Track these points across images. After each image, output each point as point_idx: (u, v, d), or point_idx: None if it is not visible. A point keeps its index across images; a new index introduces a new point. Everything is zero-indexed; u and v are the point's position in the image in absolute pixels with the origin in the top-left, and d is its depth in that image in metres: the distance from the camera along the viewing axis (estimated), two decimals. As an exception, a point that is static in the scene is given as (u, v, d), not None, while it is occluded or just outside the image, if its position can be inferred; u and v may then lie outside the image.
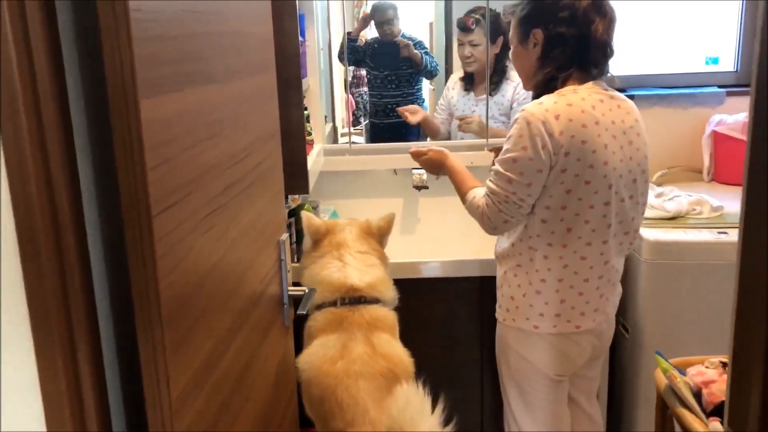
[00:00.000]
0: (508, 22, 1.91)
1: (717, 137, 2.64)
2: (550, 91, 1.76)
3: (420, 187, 2.59)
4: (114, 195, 0.86)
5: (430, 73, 2.91)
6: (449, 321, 2.30)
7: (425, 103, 3.04)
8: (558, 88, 1.76)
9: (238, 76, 1.22)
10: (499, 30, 2.63)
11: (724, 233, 2.15)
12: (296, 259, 2.18)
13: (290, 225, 2.18)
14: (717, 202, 2.32)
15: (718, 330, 1.48)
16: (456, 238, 2.64)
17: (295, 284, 1.93)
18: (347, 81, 2.89)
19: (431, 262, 2.27)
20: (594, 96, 1.73)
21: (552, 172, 1.69)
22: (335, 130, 2.94)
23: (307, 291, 1.60)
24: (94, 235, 0.88)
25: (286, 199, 2.04)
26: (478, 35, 2.65)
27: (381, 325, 1.88)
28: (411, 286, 2.15)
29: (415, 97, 2.94)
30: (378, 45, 2.86)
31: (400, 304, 2.00)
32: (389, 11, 2.83)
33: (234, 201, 1.19)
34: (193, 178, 0.99)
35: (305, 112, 2.02)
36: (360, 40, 2.84)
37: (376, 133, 2.95)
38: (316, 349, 1.83)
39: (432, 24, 2.96)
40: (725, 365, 1.63)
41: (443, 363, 2.31)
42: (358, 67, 2.93)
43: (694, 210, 2.32)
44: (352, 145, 2.73)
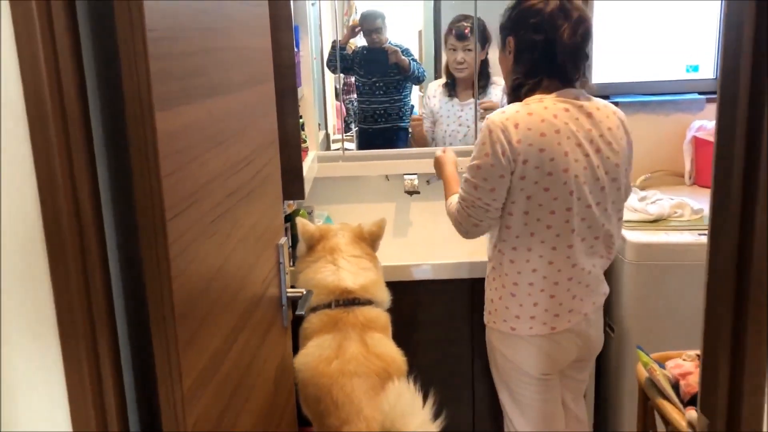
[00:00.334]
0: None
1: (698, 142, 2.72)
2: (519, 97, 1.81)
3: (412, 192, 2.66)
4: (126, 202, 0.93)
5: (418, 79, 2.97)
6: (441, 322, 2.36)
7: (414, 109, 3.11)
8: (527, 94, 1.80)
9: (241, 88, 1.28)
10: (488, 37, 2.71)
11: (704, 235, 2.22)
12: (292, 263, 2.24)
13: (286, 230, 2.24)
14: (698, 205, 2.40)
15: (698, 326, 1.55)
16: (447, 242, 2.70)
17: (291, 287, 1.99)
18: (338, 89, 2.96)
19: (423, 264, 2.34)
20: (559, 105, 1.76)
21: (513, 179, 1.76)
22: (328, 137, 3.01)
23: (304, 293, 1.66)
24: (110, 238, 0.94)
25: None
26: (473, 42, 2.73)
27: (374, 325, 1.93)
28: (404, 288, 2.21)
29: (402, 103, 3.00)
30: (367, 52, 2.92)
31: (393, 305, 2.05)
32: (378, 20, 2.90)
33: (237, 206, 1.25)
34: (202, 184, 1.05)
35: (300, 120, 2.08)
36: (348, 49, 2.91)
37: (365, 138, 3.00)
38: (311, 350, 1.87)
39: (421, 32, 3.01)
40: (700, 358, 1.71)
41: (436, 362, 2.36)
42: (346, 75, 3.00)
43: (675, 213, 2.39)
44: (345, 152, 2.79)
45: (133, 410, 1.00)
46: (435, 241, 2.72)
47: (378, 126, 2.97)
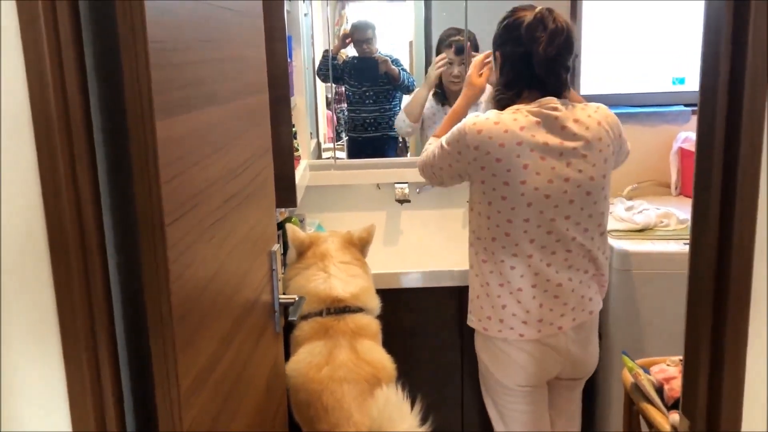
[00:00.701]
0: None
1: (683, 153, 2.77)
2: (500, 106, 1.84)
3: (402, 201, 2.69)
4: (126, 206, 0.95)
5: (407, 88, 3.01)
6: (431, 329, 2.38)
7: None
8: (507, 105, 1.83)
9: (237, 97, 1.31)
10: (477, 50, 2.75)
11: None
12: (284, 270, 2.26)
13: (279, 237, 2.26)
14: (683, 215, 2.44)
15: (682, 333, 1.59)
16: (437, 250, 2.73)
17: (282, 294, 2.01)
18: (329, 98, 2.99)
19: (412, 272, 2.36)
20: (531, 117, 1.76)
21: (474, 182, 1.84)
22: (319, 145, 3.03)
23: (297, 299, 1.69)
24: (110, 242, 0.96)
25: (274, 211, 2.12)
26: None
27: (365, 332, 1.96)
28: (394, 295, 2.23)
29: (392, 113, 3.03)
30: (357, 61, 2.95)
31: (383, 312, 2.07)
32: (368, 30, 2.93)
33: (232, 213, 1.27)
34: (200, 190, 1.08)
35: (293, 129, 2.11)
36: (339, 58, 2.94)
37: (355, 147, 3.03)
38: (302, 357, 1.89)
39: (411, 42, 3.05)
40: (684, 363, 1.75)
41: (425, 369, 2.38)
42: (337, 84, 3.03)
43: (661, 222, 2.44)
44: (336, 161, 2.82)
45: (130, 411, 1.02)
46: (425, 249, 2.75)
47: (368, 135, 3.00)
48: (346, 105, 3.06)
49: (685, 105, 2.88)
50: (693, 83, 2.91)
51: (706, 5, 0.89)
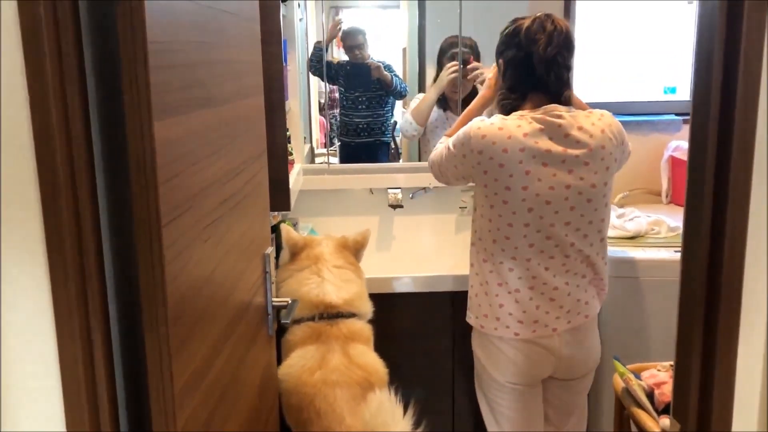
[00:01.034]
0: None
1: (674, 162, 2.79)
2: (505, 111, 1.88)
3: (395, 206, 2.70)
4: (122, 206, 0.95)
5: (400, 94, 3.02)
6: (423, 334, 2.39)
7: (397, 125, 3.15)
8: (512, 110, 1.86)
9: (234, 100, 1.32)
10: (478, 59, 2.77)
11: (680, 252, 2.29)
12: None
13: (272, 240, 2.26)
14: (674, 223, 2.46)
15: (672, 339, 1.61)
16: (429, 255, 2.74)
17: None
18: (321, 103, 3.00)
19: (404, 277, 2.37)
20: (535, 124, 1.79)
21: (477, 185, 1.87)
22: (312, 150, 3.04)
23: (290, 302, 1.69)
24: (105, 242, 0.96)
25: (268, 215, 2.12)
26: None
27: (357, 337, 1.96)
28: (386, 300, 2.23)
29: (384, 118, 3.04)
30: (350, 67, 2.96)
31: (375, 317, 2.07)
32: (359, 36, 2.95)
33: (228, 214, 1.28)
34: (196, 192, 1.08)
35: (287, 133, 2.12)
36: (333, 61, 2.95)
37: (347, 152, 3.04)
38: (295, 361, 1.89)
39: (405, 49, 3.06)
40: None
41: (417, 374, 2.38)
42: (331, 85, 3.03)
43: (652, 230, 2.45)
44: (329, 165, 2.83)
45: (124, 412, 1.02)
46: (417, 254, 2.75)
47: (360, 140, 3.01)
48: (338, 110, 3.07)
49: (677, 114, 2.91)
50: (684, 92, 2.94)
51: (698, 14, 0.90)
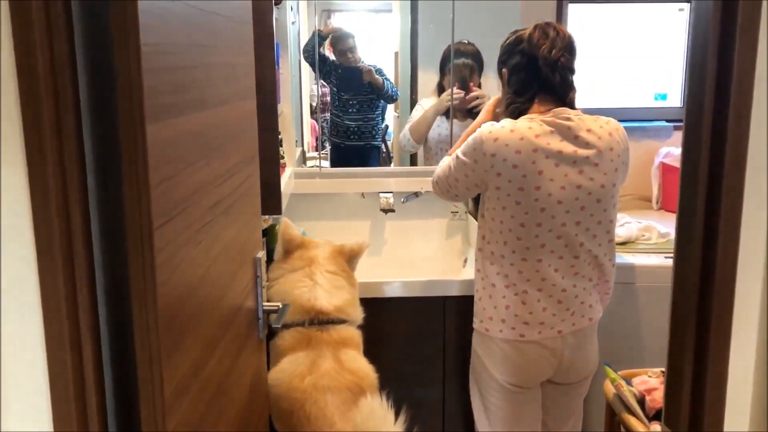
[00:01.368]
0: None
1: (665, 168, 2.81)
2: (514, 116, 1.91)
3: (387, 210, 2.69)
4: (112, 210, 0.95)
5: (391, 98, 3.03)
6: (414, 338, 2.38)
7: (389, 129, 3.16)
8: (520, 113, 1.90)
9: (226, 103, 1.31)
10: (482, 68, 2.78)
11: (670, 258, 2.29)
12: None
13: (263, 244, 2.24)
14: (664, 229, 2.48)
15: (664, 345, 1.62)
16: (421, 260, 2.74)
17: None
18: (313, 106, 3.00)
19: (395, 282, 2.37)
20: (545, 126, 1.84)
21: (489, 188, 1.87)
22: (303, 153, 3.03)
23: (281, 306, 1.68)
24: (96, 245, 0.96)
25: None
26: (476, 82, 2.79)
27: (348, 343, 1.95)
28: (377, 304, 2.22)
29: (375, 122, 3.04)
30: (341, 70, 2.97)
31: (367, 321, 2.06)
32: (349, 40, 2.96)
33: (219, 218, 1.27)
34: (188, 195, 1.07)
35: (279, 136, 2.11)
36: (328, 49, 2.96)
37: (337, 154, 3.04)
38: (285, 366, 1.87)
39: (397, 53, 3.07)
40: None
41: (408, 379, 2.38)
42: (323, 89, 3.03)
43: (643, 236, 2.47)
44: (321, 169, 2.82)
45: (113, 417, 1.01)
46: (409, 259, 2.75)
47: (350, 143, 3.02)
48: (329, 111, 3.07)
49: (667, 120, 2.92)
50: (675, 99, 2.96)
51: (693, 18, 0.90)
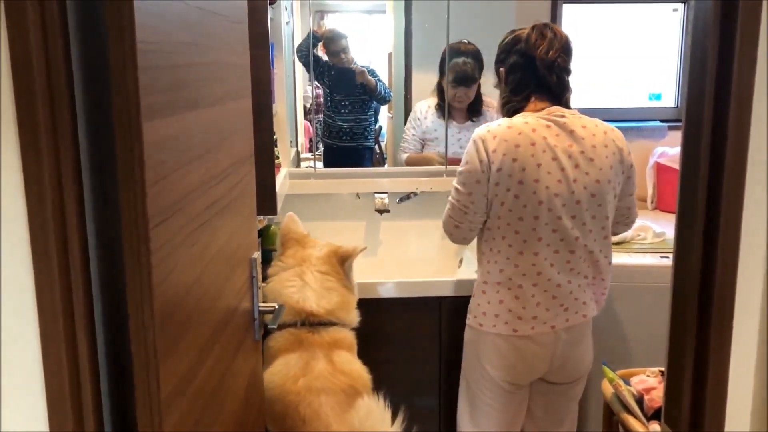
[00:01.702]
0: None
1: (659, 168, 2.81)
2: (510, 114, 1.95)
3: (382, 211, 2.69)
4: (108, 210, 0.94)
5: (384, 99, 3.02)
6: (409, 339, 2.38)
7: (383, 130, 3.15)
8: (516, 111, 1.93)
9: (221, 102, 1.30)
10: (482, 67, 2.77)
11: (666, 257, 2.31)
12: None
13: (258, 245, 2.24)
14: (660, 229, 2.48)
15: (659, 345, 1.61)
16: (416, 260, 2.74)
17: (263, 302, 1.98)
18: (306, 107, 3.00)
19: (390, 282, 2.36)
20: (541, 121, 1.88)
21: (489, 185, 1.88)
22: (298, 154, 3.03)
23: (276, 307, 1.67)
24: (91, 245, 0.94)
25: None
26: (476, 79, 2.78)
27: (340, 344, 1.94)
28: (372, 305, 2.22)
29: (367, 123, 3.04)
30: (334, 71, 2.96)
31: (362, 322, 2.05)
32: (342, 40, 2.95)
33: (214, 218, 1.26)
34: (184, 195, 1.06)
35: (273, 136, 2.10)
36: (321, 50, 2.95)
37: (330, 155, 3.04)
38: (278, 368, 1.87)
39: (391, 54, 3.06)
40: (664, 374, 1.77)
41: (404, 380, 2.37)
42: (317, 89, 3.02)
43: (638, 236, 2.47)
44: (316, 170, 2.82)
45: (109, 419, 1.00)
46: (404, 259, 2.74)
47: (343, 144, 3.01)
48: (322, 112, 3.06)
49: (662, 120, 2.93)
50: (669, 99, 2.97)
51: (693, 17, 0.90)
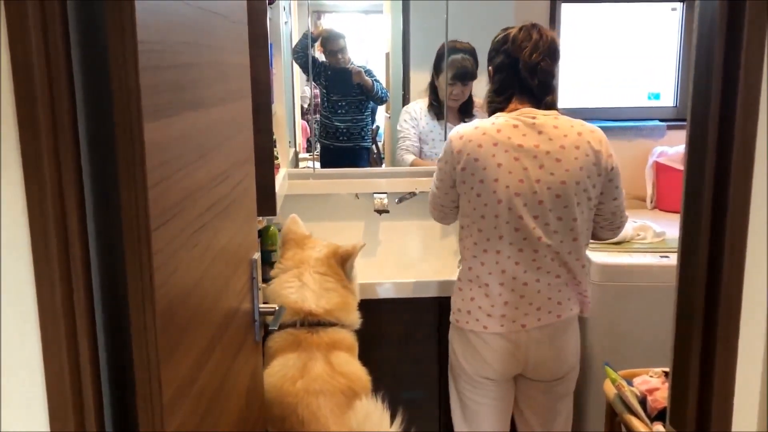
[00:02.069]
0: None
1: (659, 167, 2.81)
2: (491, 114, 1.99)
3: (381, 211, 2.68)
4: (109, 211, 0.93)
5: (381, 100, 3.02)
6: (409, 339, 2.37)
7: (380, 130, 3.15)
8: (495, 111, 1.97)
9: (221, 103, 1.29)
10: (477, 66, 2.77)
11: (666, 257, 2.30)
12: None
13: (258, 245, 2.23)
14: (659, 228, 2.47)
15: (660, 345, 1.61)
16: (415, 260, 2.73)
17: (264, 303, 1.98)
18: (304, 107, 2.98)
19: (389, 283, 2.36)
20: (510, 121, 1.90)
21: (456, 183, 1.97)
22: (296, 154, 3.02)
23: (277, 308, 1.67)
24: (92, 247, 0.93)
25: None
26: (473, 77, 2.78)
27: (339, 345, 1.93)
28: (372, 306, 2.22)
29: (364, 123, 3.03)
30: (331, 72, 2.95)
31: (362, 322, 2.06)
32: (340, 41, 2.94)
33: (215, 220, 1.25)
34: (185, 196, 1.06)
35: (273, 137, 2.09)
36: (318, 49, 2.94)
37: (326, 156, 3.03)
38: (276, 370, 1.86)
39: (388, 54, 3.06)
40: (667, 374, 1.76)
41: (403, 381, 2.37)
42: (315, 82, 3.01)
43: (638, 235, 2.46)
44: (315, 170, 2.81)
45: (110, 422, 0.99)
46: (403, 259, 2.74)
47: (340, 144, 3.00)
48: (319, 112, 3.06)
49: (661, 120, 2.93)
50: (667, 98, 2.97)
51: (698, 16, 0.89)
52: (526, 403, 2.10)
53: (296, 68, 2.91)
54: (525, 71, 1.90)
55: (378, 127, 3.15)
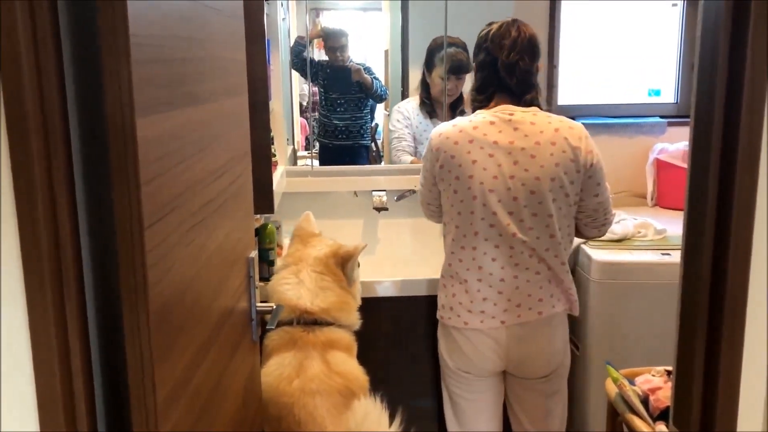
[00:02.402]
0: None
1: (659, 164, 2.79)
2: (473, 111, 2.01)
3: (380, 209, 2.66)
4: (101, 208, 0.91)
5: (380, 98, 3.01)
6: (407, 337, 2.36)
7: (379, 128, 3.13)
8: (477, 109, 1.99)
9: (217, 98, 1.28)
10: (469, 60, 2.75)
11: (667, 254, 2.29)
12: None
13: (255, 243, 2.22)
14: (660, 226, 2.46)
15: (662, 343, 1.59)
16: (414, 258, 2.72)
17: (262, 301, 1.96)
18: (303, 105, 2.97)
19: (388, 281, 2.34)
20: (487, 118, 1.92)
21: (436, 180, 2.00)
22: (294, 152, 3.00)
23: (274, 307, 1.65)
24: (84, 246, 0.92)
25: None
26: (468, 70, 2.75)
27: (336, 345, 1.91)
28: (370, 304, 2.20)
29: (363, 121, 3.02)
30: (330, 69, 2.94)
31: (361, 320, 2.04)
32: (342, 38, 2.93)
33: (211, 217, 1.23)
34: (179, 193, 1.04)
35: (270, 134, 2.08)
36: (317, 46, 2.92)
37: (325, 154, 3.02)
38: (272, 369, 1.84)
39: (387, 51, 3.04)
40: (670, 373, 1.74)
41: (401, 380, 2.36)
42: (313, 83, 3.00)
43: (639, 233, 2.44)
44: (313, 167, 2.79)
45: (103, 424, 0.97)
46: (402, 257, 2.72)
47: (338, 142, 2.99)
48: (317, 111, 3.04)
49: (661, 116, 2.91)
50: (668, 95, 2.95)
51: (702, 13, 0.88)
52: (515, 401, 2.11)
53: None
54: (503, 70, 1.92)
55: (377, 125, 3.14)
